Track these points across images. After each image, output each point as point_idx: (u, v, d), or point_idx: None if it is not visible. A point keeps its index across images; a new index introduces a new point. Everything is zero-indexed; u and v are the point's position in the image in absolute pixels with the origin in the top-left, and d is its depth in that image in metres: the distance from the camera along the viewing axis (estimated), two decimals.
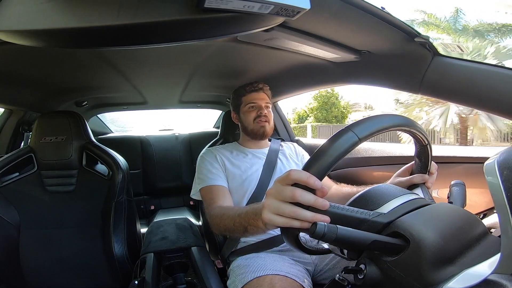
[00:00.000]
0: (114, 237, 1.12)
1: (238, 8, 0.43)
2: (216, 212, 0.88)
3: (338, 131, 0.47)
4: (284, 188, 0.45)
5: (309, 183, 0.44)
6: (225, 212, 0.83)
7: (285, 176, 0.46)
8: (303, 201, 0.44)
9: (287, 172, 0.46)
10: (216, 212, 0.87)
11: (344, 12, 0.63)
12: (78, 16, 0.42)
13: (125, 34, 0.47)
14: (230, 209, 0.85)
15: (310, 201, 0.44)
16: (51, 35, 0.45)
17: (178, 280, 0.92)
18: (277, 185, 0.47)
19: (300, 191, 0.44)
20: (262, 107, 1.12)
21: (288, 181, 0.45)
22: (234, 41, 0.85)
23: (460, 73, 0.70)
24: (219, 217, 0.84)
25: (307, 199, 0.44)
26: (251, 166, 1.09)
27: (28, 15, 0.42)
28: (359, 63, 0.93)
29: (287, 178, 0.45)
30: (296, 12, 0.46)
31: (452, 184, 0.59)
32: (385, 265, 0.44)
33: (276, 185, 0.47)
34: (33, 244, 1.11)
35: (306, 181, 0.44)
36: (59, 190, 1.16)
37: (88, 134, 1.20)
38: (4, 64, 0.95)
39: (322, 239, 0.41)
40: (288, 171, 0.46)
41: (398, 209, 0.49)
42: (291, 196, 0.44)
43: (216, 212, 0.88)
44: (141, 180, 2.23)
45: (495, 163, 0.38)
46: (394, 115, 0.53)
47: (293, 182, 0.45)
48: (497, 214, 0.36)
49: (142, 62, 1.08)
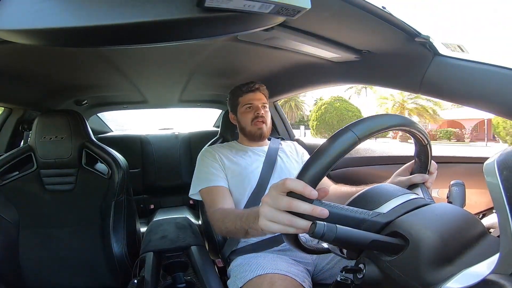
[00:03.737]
0: (113, 236, 1.12)
1: (239, 7, 0.43)
2: (218, 215, 0.89)
3: (337, 131, 0.47)
4: (280, 197, 0.45)
5: (305, 193, 0.43)
6: (226, 215, 0.84)
7: (281, 184, 0.45)
8: (300, 210, 0.43)
9: (283, 181, 0.45)
10: (218, 215, 0.89)
11: (344, 12, 0.63)
12: (78, 15, 0.42)
13: (125, 33, 0.46)
14: (232, 212, 0.86)
15: (306, 210, 0.43)
16: (51, 34, 0.45)
17: (178, 279, 0.92)
18: (272, 193, 0.46)
19: (296, 201, 0.43)
20: (259, 108, 1.12)
21: (283, 189, 0.44)
22: (235, 41, 0.85)
23: (460, 73, 0.70)
24: (221, 220, 0.85)
25: (303, 209, 0.43)
26: (252, 163, 1.09)
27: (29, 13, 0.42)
28: (359, 62, 0.93)
29: (282, 187, 0.44)
30: (297, 12, 0.46)
31: (451, 184, 0.59)
32: (384, 265, 0.44)
33: (271, 193, 0.47)
34: (33, 243, 1.11)
35: (302, 191, 0.43)
36: (58, 189, 1.16)
37: (88, 133, 1.20)
38: (5, 63, 0.95)
39: (321, 238, 0.42)
40: (283, 179, 0.45)
41: (397, 209, 0.49)
42: (287, 206, 0.44)
43: (217, 215, 0.89)
44: (140, 179, 2.24)
45: (495, 163, 0.38)
46: (394, 114, 0.53)
47: (288, 191, 0.44)
48: (496, 214, 0.37)
49: (142, 61, 1.08)
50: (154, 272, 0.94)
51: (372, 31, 0.73)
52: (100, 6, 0.42)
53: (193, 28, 0.49)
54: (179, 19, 0.44)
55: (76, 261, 1.12)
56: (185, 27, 0.48)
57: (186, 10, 0.43)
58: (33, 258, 1.10)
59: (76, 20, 0.42)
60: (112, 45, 0.71)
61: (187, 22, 0.46)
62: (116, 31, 0.45)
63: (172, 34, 0.50)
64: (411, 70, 0.80)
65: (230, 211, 0.88)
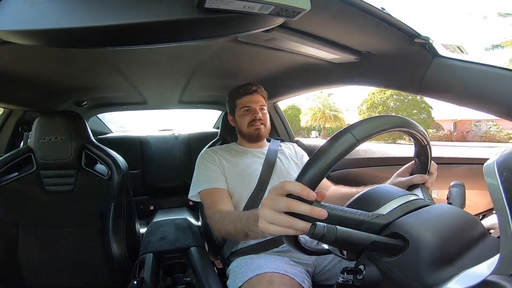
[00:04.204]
0: (113, 237, 1.11)
1: (239, 9, 0.43)
2: (217, 217, 0.89)
3: (336, 133, 0.47)
4: (279, 199, 0.45)
5: (303, 195, 0.43)
6: (226, 217, 0.84)
7: (280, 186, 0.46)
8: (299, 211, 0.44)
9: (282, 183, 0.46)
10: (217, 218, 0.89)
11: (344, 13, 0.63)
12: (78, 16, 0.42)
13: (125, 34, 0.47)
14: (231, 214, 0.86)
15: (305, 211, 0.43)
16: (51, 35, 0.45)
17: (177, 281, 0.92)
18: (272, 195, 0.47)
19: (295, 202, 0.44)
20: (257, 111, 1.12)
21: (282, 191, 0.45)
22: (234, 42, 0.85)
23: (460, 74, 0.70)
24: (220, 222, 0.85)
25: (302, 210, 0.43)
26: (251, 165, 1.08)
27: (29, 14, 0.42)
28: (359, 63, 0.93)
29: (281, 189, 0.45)
30: (297, 13, 0.46)
31: (451, 185, 0.59)
32: (384, 266, 0.44)
33: (271, 195, 0.47)
34: (32, 244, 1.11)
35: (300, 193, 0.43)
36: (58, 190, 1.16)
37: (88, 134, 1.20)
38: (4, 64, 0.95)
39: (321, 240, 0.41)
40: (282, 182, 0.46)
41: (397, 210, 0.49)
42: (286, 206, 0.44)
43: (217, 217, 0.89)
44: (140, 180, 2.23)
45: (495, 164, 0.38)
46: (393, 116, 0.53)
47: (287, 193, 0.45)
48: (496, 215, 0.37)
49: (142, 62, 1.08)
50: (153, 273, 0.94)
51: (371, 32, 0.73)
52: (100, 7, 0.42)
53: (193, 29, 0.49)
54: (179, 20, 0.44)
55: (75, 262, 1.12)
56: (185, 28, 0.48)
57: (186, 11, 0.43)
58: (33, 259, 1.10)
59: (76, 21, 0.42)
60: (112, 46, 0.71)
61: (187, 23, 0.46)
62: (117, 32, 0.46)
63: (173, 35, 0.50)
64: (410, 71, 0.80)
65: (229, 213, 0.88)
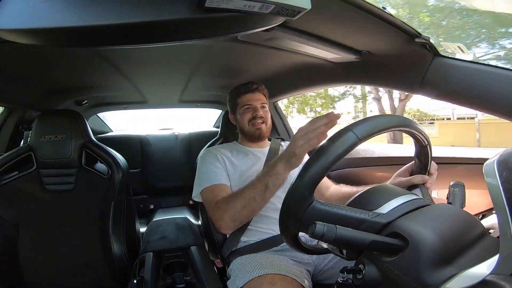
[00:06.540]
0: (113, 236, 1.12)
1: (239, 8, 0.43)
2: (223, 203, 0.88)
3: (337, 131, 0.47)
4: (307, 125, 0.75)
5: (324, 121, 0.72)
6: (237, 192, 0.86)
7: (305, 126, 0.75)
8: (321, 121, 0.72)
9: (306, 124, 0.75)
10: (223, 204, 0.88)
11: (344, 13, 0.63)
12: (78, 15, 0.42)
13: (125, 33, 0.47)
14: (238, 190, 0.87)
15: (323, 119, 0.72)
16: (51, 34, 0.45)
17: (177, 280, 0.92)
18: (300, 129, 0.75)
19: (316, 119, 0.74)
20: (258, 109, 1.11)
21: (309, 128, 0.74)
22: (235, 41, 0.85)
23: (460, 74, 0.70)
24: (232, 200, 0.86)
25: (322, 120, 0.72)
26: (252, 166, 1.08)
27: (29, 13, 0.42)
28: (359, 63, 0.93)
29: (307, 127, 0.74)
30: (297, 12, 0.46)
31: (451, 185, 0.59)
32: (384, 265, 0.44)
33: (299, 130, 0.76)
34: (32, 243, 1.11)
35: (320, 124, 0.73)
36: (58, 189, 1.16)
37: (88, 133, 1.20)
38: (4, 63, 0.95)
39: (321, 239, 0.42)
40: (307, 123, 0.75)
41: (397, 209, 0.49)
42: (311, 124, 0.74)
43: (225, 200, 0.88)
44: (140, 179, 2.23)
45: (495, 164, 0.38)
46: (394, 115, 0.53)
47: None
48: (496, 215, 0.37)
49: (142, 61, 1.08)
50: (153, 272, 0.94)
51: (372, 32, 0.73)
52: (101, 6, 0.42)
53: (193, 29, 0.49)
54: (179, 19, 0.44)
55: (75, 261, 1.12)
56: (186, 27, 0.48)
57: (186, 10, 0.43)
58: (33, 258, 1.10)
59: (76, 20, 0.42)
60: (112, 45, 0.71)
61: (188, 22, 0.46)
62: (117, 31, 0.46)
63: (173, 34, 0.50)
64: (411, 71, 0.80)
65: (236, 192, 0.88)
